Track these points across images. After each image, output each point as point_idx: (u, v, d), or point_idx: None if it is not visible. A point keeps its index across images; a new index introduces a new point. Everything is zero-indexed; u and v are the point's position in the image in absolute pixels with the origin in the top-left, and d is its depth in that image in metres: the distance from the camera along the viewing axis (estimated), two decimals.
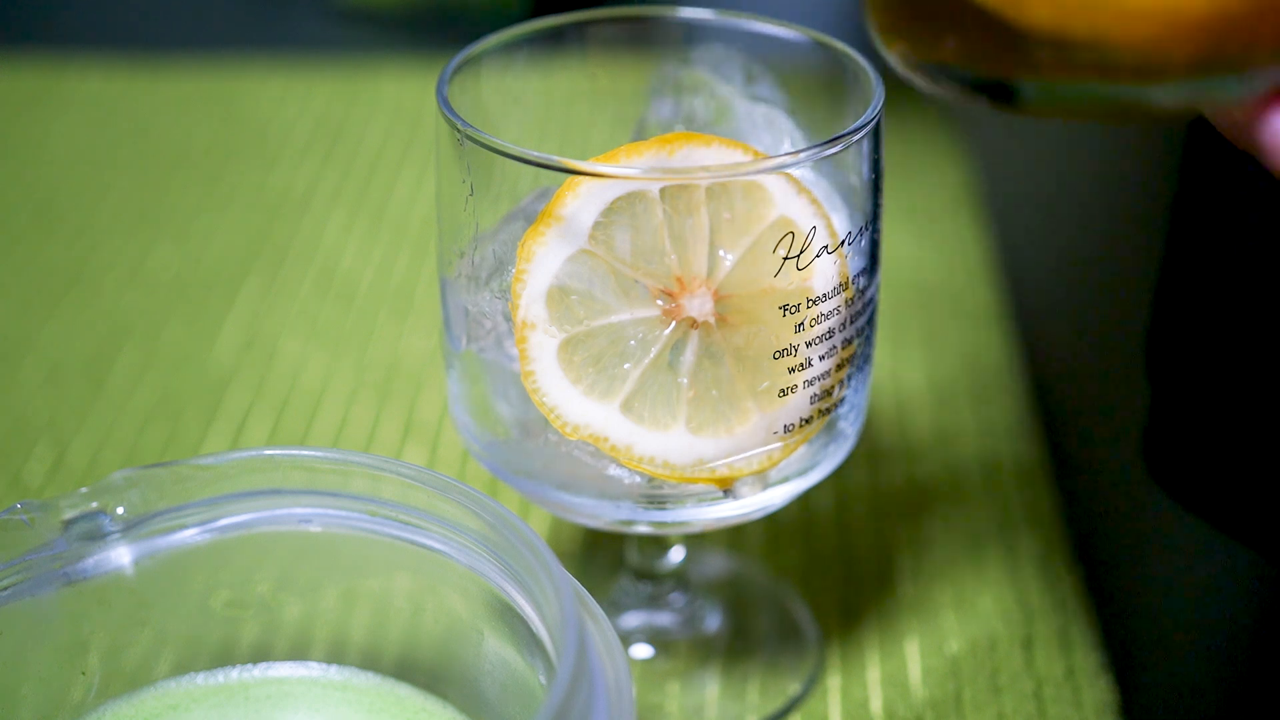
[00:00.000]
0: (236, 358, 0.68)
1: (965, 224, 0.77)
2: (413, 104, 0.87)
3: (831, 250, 0.43)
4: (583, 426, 0.44)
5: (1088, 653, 0.54)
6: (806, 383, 0.44)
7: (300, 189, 0.80)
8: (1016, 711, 0.52)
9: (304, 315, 0.71)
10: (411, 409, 0.65)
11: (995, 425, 0.64)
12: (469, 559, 0.43)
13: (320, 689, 0.46)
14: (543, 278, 0.43)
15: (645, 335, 0.43)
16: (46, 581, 0.42)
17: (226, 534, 0.44)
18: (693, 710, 0.52)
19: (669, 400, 0.44)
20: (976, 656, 0.54)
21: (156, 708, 0.45)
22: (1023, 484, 0.61)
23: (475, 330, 0.46)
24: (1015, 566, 0.57)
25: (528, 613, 0.41)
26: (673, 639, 0.54)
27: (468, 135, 0.44)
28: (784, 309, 0.43)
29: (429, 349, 0.68)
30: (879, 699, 0.52)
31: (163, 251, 0.75)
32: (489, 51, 0.48)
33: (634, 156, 0.43)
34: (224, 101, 0.87)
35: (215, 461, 0.44)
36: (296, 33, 0.95)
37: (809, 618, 0.55)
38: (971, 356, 0.68)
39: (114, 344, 0.69)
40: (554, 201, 0.43)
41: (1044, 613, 0.55)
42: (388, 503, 0.44)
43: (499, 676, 0.44)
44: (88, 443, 0.63)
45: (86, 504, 0.43)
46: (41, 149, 0.83)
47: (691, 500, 0.46)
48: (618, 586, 0.55)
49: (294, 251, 0.75)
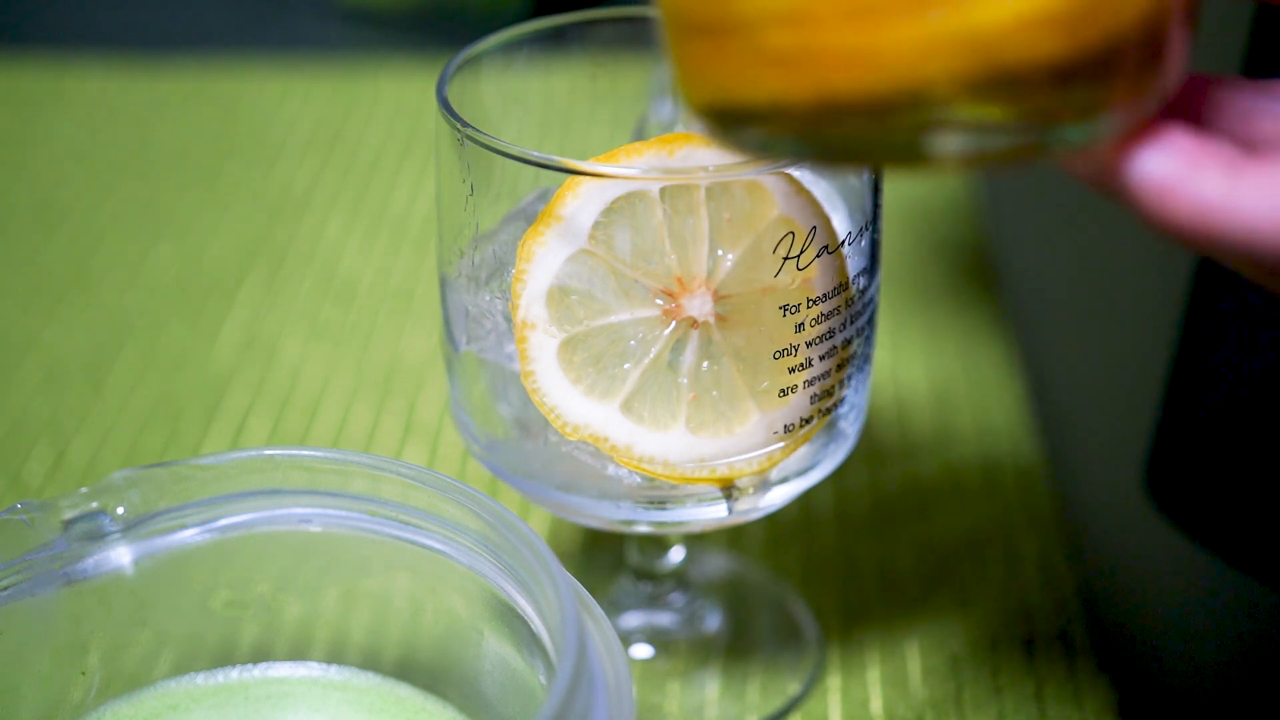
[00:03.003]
0: (236, 358, 0.68)
1: (965, 224, 0.77)
2: (413, 104, 0.87)
3: (831, 250, 0.43)
4: (583, 426, 0.44)
5: (1088, 653, 0.54)
6: (806, 383, 0.44)
7: (300, 189, 0.80)
8: (1017, 711, 0.52)
9: (304, 315, 0.71)
10: (411, 409, 0.65)
11: (995, 425, 0.64)
12: (469, 559, 0.43)
13: (320, 689, 0.46)
14: (543, 278, 0.43)
15: (645, 335, 0.43)
16: (46, 581, 0.42)
17: (226, 534, 0.44)
18: (693, 710, 0.52)
19: (669, 400, 0.44)
20: (977, 656, 0.54)
21: (156, 708, 0.45)
22: (1023, 484, 0.61)
23: (475, 330, 0.46)
24: (1015, 567, 0.57)
25: (528, 613, 0.41)
26: (673, 639, 0.54)
27: (468, 135, 0.43)
28: (784, 309, 0.43)
29: (429, 349, 0.68)
30: (879, 699, 0.52)
31: (163, 251, 0.75)
32: (489, 51, 0.48)
33: (634, 156, 0.43)
34: (224, 101, 0.87)
35: (215, 461, 0.44)
36: (296, 33, 0.95)
37: (809, 618, 0.55)
38: (971, 356, 0.68)
39: (114, 344, 0.69)
40: (554, 201, 0.43)
41: (1044, 613, 0.55)
42: (388, 503, 0.44)
43: (499, 676, 0.44)
44: (88, 443, 0.63)
45: (86, 504, 0.43)
46: (41, 149, 0.83)
47: (691, 500, 0.46)
48: (618, 586, 0.55)
49: (294, 251, 0.75)
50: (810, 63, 0.32)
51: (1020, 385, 0.66)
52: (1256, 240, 0.32)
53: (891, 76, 0.31)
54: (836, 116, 0.32)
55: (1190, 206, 0.33)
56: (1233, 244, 0.32)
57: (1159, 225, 0.33)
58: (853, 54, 0.31)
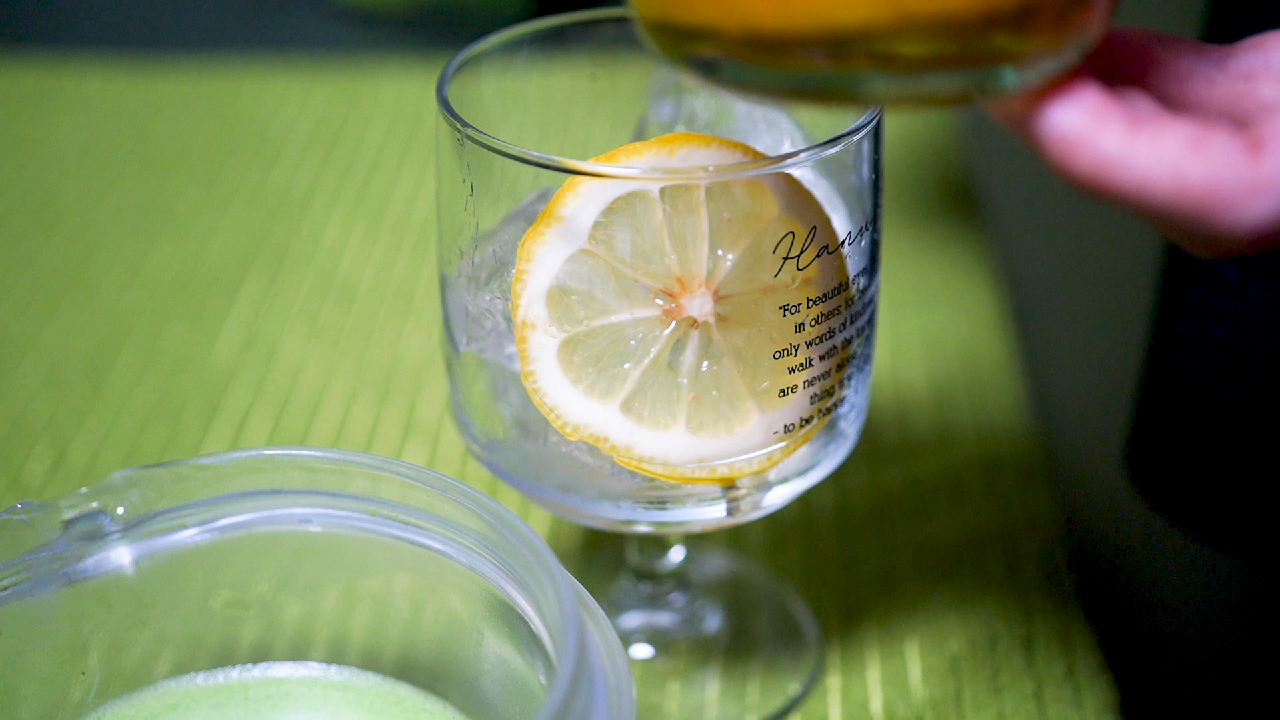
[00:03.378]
0: (236, 358, 0.68)
1: (965, 224, 0.77)
2: (413, 104, 0.87)
3: (831, 250, 0.43)
4: (583, 426, 0.44)
5: (1088, 653, 0.54)
6: (807, 383, 0.44)
7: (300, 189, 0.80)
8: (1017, 711, 0.52)
9: (304, 315, 0.71)
10: (411, 409, 0.65)
11: (995, 425, 0.64)
12: (469, 559, 0.43)
13: (320, 689, 0.46)
14: (543, 278, 0.43)
15: (645, 335, 0.43)
16: (46, 581, 0.42)
17: (226, 534, 0.44)
18: (693, 710, 0.52)
19: (669, 400, 0.44)
20: (977, 656, 0.54)
21: (156, 708, 0.45)
22: (1023, 484, 0.61)
23: (475, 330, 0.46)
24: (1015, 566, 0.57)
25: (528, 613, 0.41)
26: (673, 639, 0.54)
27: (468, 135, 0.43)
28: (784, 309, 0.43)
29: (429, 349, 0.68)
30: (879, 699, 0.52)
31: (163, 251, 0.75)
32: (489, 51, 0.48)
33: (634, 156, 0.43)
34: (224, 101, 0.87)
35: (215, 461, 0.44)
36: (296, 33, 0.95)
37: (809, 618, 0.55)
38: (971, 356, 0.68)
39: (114, 344, 0.69)
40: (554, 201, 0.43)
41: (1044, 613, 0.55)
42: (388, 503, 0.44)
43: (499, 676, 0.44)
44: (88, 443, 0.63)
45: (86, 504, 0.43)
46: (41, 149, 0.83)
47: (691, 500, 0.46)
48: (618, 586, 0.55)
49: (294, 251, 0.75)
50: None
51: (1020, 385, 0.66)
52: (1147, 196, 0.34)
53: (808, 15, 0.34)
54: (761, 48, 0.35)
55: (1089, 160, 0.34)
56: (1126, 198, 0.34)
57: (1061, 175, 0.35)
58: None
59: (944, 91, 0.35)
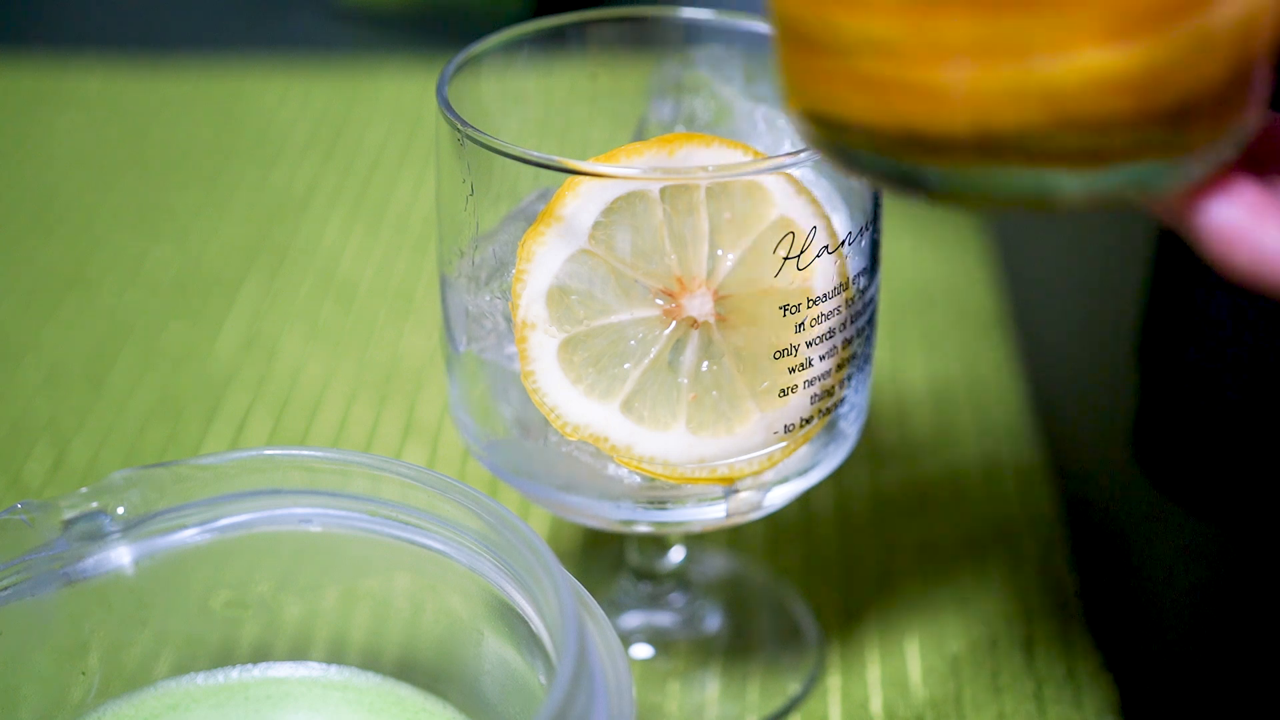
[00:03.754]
0: (236, 358, 0.68)
1: (965, 224, 0.77)
2: (413, 104, 0.87)
3: (831, 250, 0.43)
4: (583, 426, 0.44)
5: (1088, 653, 0.54)
6: (807, 383, 0.44)
7: (300, 189, 0.80)
8: (1017, 712, 0.52)
9: (304, 315, 0.71)
10: (411, 409, 0.65)
11: (995, 426, 0.64)
12: (469, 559, 0.43)
13: (320, 689, 0.46)
14: (543, 278, 0.43)
15: (645, 335, 0.43)
16: (46, 581, 0.42)
17: (226, 534, 0.44)
18: (693, 710, 0.52)
19: (669, 400, 0.44)
20: (977, 656, 0.54)
21: (156, 708, 0.45)
22: (1023, 484, 0.61)
23: (475, 330, 0.46)
24: (1016, 567, 0.57)
25: (528, 613, 0.41)
26: (673, 639, 0.54)
27: (468, 135, 0.43)
28: (784, 309, 0.43)
29: (429, 349, 0.68)
30: (879, 699, 0.52)
31: (163, 251, 0.75)
32: (489, 51, 0.48)
33: (634, 156, 0.43)
34: (224, 101, 0.87)
35: (215, 461, 0.44)
36: (296, 33, 0.95)
37: (809, 618, 0.55)
38: (971, 357, 0.68)
39: (114, 344, 0.69)
40: (554, 201, 0.43)
41: (1044, 613, 0.55)
42: (388, 503, 0.44)
43: (499, 676, 0.44)
44: (88, 443, 0.63)
45: (86, 504, 0.43)
46: (41, 149, 0.83)
47: (691, 500, 0.46)
48: (618, 586, 0.55)
49: (294, 251, 0.75)
50: (895, 93, 0.34)
51: (1020, 385, 0.66)
52: None
53: (965, 117, 0.33)
54: (915, 147, 0.34)
55: (1250, 255, 0.35)
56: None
57: (1220, 269, 0.36)
58: (932, 91, 0.33)
59: (1095, 194, 0.34)
